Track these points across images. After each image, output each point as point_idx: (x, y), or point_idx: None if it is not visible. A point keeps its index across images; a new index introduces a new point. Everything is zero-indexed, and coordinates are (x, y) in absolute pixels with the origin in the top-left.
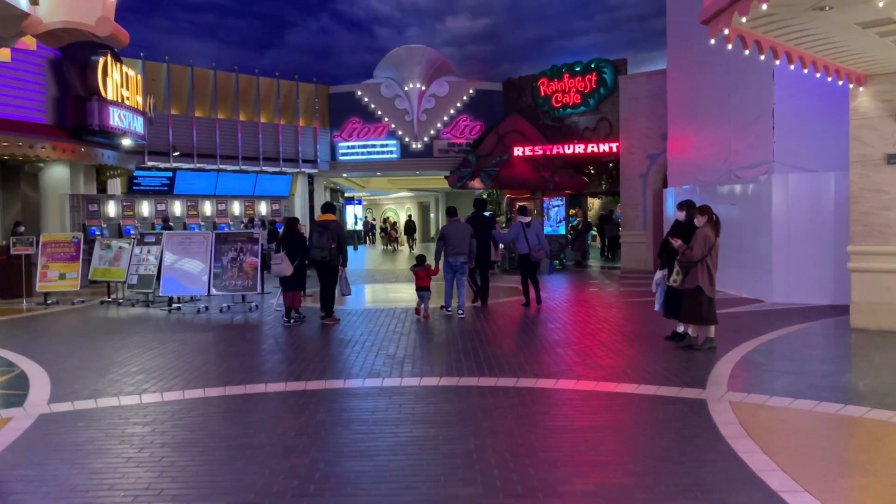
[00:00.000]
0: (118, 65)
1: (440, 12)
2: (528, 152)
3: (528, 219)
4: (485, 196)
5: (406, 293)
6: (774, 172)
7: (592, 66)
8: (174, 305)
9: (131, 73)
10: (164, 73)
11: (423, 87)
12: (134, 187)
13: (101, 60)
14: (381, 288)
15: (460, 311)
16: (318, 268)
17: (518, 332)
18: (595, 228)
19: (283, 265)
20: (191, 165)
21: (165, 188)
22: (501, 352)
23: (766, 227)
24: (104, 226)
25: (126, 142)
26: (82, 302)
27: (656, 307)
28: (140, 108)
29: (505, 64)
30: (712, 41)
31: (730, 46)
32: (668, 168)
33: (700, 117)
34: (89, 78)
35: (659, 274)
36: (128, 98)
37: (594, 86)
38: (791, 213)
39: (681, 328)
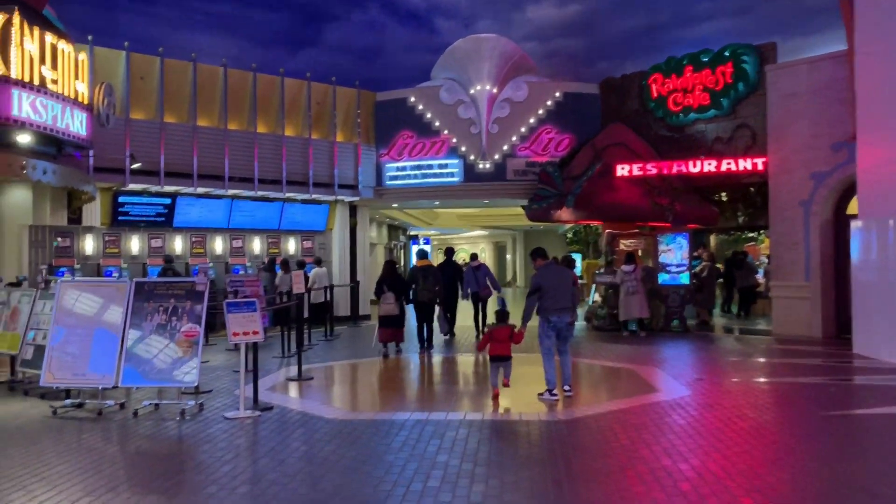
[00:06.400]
0: (37, 31)
1: (519, 0)
2: (636, 171)
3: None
4: (569, 234)
5: (464, 381)
6: None
7: (727, 53)
8: (67, 401)
9: (66, 47)
10: (157, 68)
11: (495, 90)
12: (119, 217)
13: (1, 19)
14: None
15: (567, 388)
16: (421, 308)
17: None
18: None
19: (394, 305)
20: (190, 190)
21: (162, 219)
22: None
23: None
24: (78, 266)
25: (24, 138)
26: None
27: None
28: (84, 100)
29: (602, 62)
30: None
31: None
32: (860, 190)
33: None
34: None
35: None
36: (54, 81)
37: (729, 80)
38: None
39: None
